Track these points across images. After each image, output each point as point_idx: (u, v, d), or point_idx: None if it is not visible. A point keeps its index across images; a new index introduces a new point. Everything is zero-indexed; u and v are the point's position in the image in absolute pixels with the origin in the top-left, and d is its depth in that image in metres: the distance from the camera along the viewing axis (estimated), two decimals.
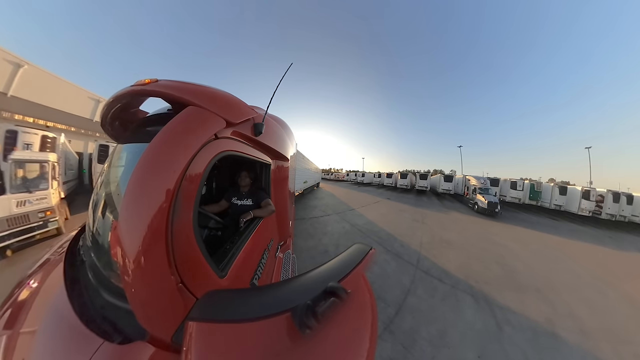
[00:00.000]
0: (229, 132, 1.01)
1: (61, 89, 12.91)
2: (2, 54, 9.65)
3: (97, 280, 0.87)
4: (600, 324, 3.63)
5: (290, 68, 1.36)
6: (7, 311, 0.93)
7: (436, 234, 7.92)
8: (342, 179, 45.16)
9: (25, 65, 10.43)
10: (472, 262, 5.66)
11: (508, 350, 2.86)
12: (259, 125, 1.25)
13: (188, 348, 0.53)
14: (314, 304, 0.57)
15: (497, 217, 12.65)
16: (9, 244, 4.04)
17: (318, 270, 0.76)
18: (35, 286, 1.05)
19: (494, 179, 19.72)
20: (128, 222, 0.62)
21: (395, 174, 28.53)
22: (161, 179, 0.65)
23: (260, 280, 1.28)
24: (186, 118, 0.79)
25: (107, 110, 1.08)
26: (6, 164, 4.64)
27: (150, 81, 0.87)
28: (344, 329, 0.59)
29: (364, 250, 0.85)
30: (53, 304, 0.87)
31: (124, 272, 0.62)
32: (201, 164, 0.79)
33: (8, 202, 4.15)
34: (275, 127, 1.80)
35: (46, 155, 5.27)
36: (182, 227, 0.71)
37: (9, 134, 6.35)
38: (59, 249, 1.35)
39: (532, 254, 6.85)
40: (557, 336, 3.21)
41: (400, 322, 3.11)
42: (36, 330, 0.79)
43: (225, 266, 0.97)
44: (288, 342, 0.55)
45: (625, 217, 14.00)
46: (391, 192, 21.74)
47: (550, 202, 17.07)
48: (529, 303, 3.98)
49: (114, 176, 1.02)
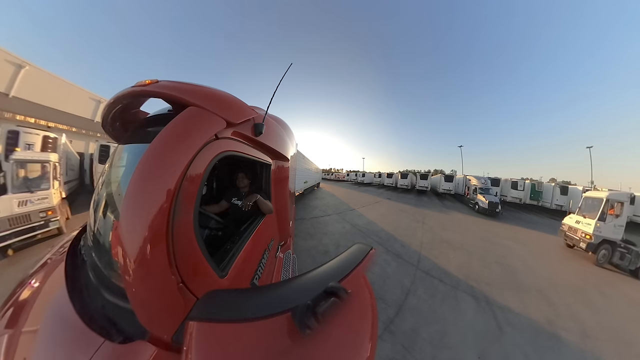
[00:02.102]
0: (229, 133, 1.01)
1: (62, 89, 12.96)
2: (3, 55, 9.70)
3: (98, 279, 0.87)
4: (600, 324, 3.62)
5: (290, 68, 1.36)
6: (8, 310, 0.93)
7: (437, 234, 7.91)
8: (343, 179, 45.13)
9: (27, 66, 10.48)
10: (473, 262, 5.65)
11: (508, 350, 2.85)
12: (259, 126, 1.25)
13: (188, 348, 0.53)
14: (314, 304, 0.57)
15: (498, 217, 12.63)
16: (11, 243, 4.06)
17: (318, 270, 0.77)
18: (36, 286, 1.05)
19: (495, 178, 19.68)
20: (129, 222, 0.62)
21: (395, 174, 28.54)
22: (162, 179, 0.66)
23: (261, 280, 1.29)
24: (187, 118, 0.79)
25: (108, 110, 1.08)
26: (8, 164, 4.65)
27: (151, 82, 0.87)
28: (344, 329, 0.59)
29: (364, 251, 0.85)
30: (54, 303, 0.88)
31: (124, 272, 0.63)
32: (202, 164, 0.79)
33: (10, 201, 4.17)
34: (275, 127, 1.80)
35: (47, 155, 5.30)
36: (183, 227, 0.71)
37: (10, 134, 6.39)
38: (60, 249, 1.36)
39: (532, 254, 6.84)
40: (559, 338, 3.20)
41: (401, 323, 3.11)
42: (37, 330, 0.79)
43: (225, 266, 0.97)
44: (288, 342, 0.55)
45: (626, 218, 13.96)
46: (392, 192, 21.73)
47: (551, 202, 17.03)
48: (529, 304, 3.98)
49: (115, 176, 1.02)
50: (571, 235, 7.43)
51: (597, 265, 6.46)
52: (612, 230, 6.64)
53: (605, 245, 6.53)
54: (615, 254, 6.38)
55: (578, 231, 7.19)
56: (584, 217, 7.23)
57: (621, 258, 6.25)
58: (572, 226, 7.48)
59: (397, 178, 27.37)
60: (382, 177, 29.54)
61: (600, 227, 6.68)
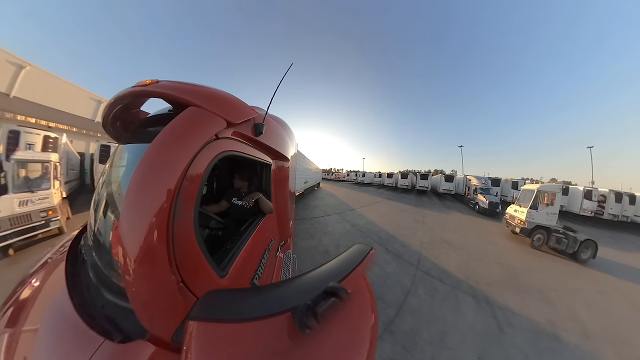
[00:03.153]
0: (229, 133, 1.01)
1: (63, 89, 12.98)
2: (4, 55, 9.72)
3: (98, 279, 0.88)
4: (600, 324, 3.63)
5: (290, 68, 1.36)
6: (9, 309, 0.94)
7: (437, 234, 7.91)
8: (343, 179, 45.12)
9: (28, 66, 10.49)
10: (473, 262, 5.65)
11: (509, 350, 2.85)
12: (259, 126, 1.25)
13: (188, 347, 0.53)
14: (314, 304, 0.57)
15: (498, 217, 12.61)
16: (12, 242, 4.07)
17: (318, 270, 0.77)
18: (37, 285, 1.06)
19: (495, 179, 19.65)
20: (129, 222, 0.62)
21: (395, 174, 28.51)
22: (162, 179, 0.66)
23: (261, 280, 1.29)
24: (187, 118, 0.79)
25: (108, 110, 1.08)
26: (9, 164, 4.66)
27: (152, 82, 0.87)
28: (344, 329, 0.59)
29: (364, 251, 0.85)
30: (54, 302, 0.88)
31: (124, 272, 0.63)
32: (202, 164, 0.79)
33: (10, 201, 4.18)
34: (275, 127, 1.80)
35: (48, 155, 5.31)
36: (183, 227, 0.71)
37: (11, 134, 6.40)
38: (61, 248, 1.36)
39: (533, 254, 6.83)
40: (561, 340, 3.20)
41: (401, 323, 3.11)
42: (38, 329, 0.79)
43: (225, 266, 0.97)
44: (288, 342, 0.55)
45: (627, 218, 13.92)
46: (392, 192, 21.72)
47: None
48: (529, 304, 3.97)
49: (116, 176, 1.03)
50: (510, 222, 8.54)
51: (534, 247, 7.38)
52: (544, 218, 7.58)
53: (540, 231, 7.46)
54: (552, 238, 7.17)
55: (515, 218, 8.27)
56: (520, 207, 8.26)
57: (558, 242, 7.00)
58: (512, 214, 8.54)
59: (398, 178, 27.34)
60: (383, 177, 29.50)
61: (532, 214, 7.70)
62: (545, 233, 7.36)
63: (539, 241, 7.45)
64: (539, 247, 7.37)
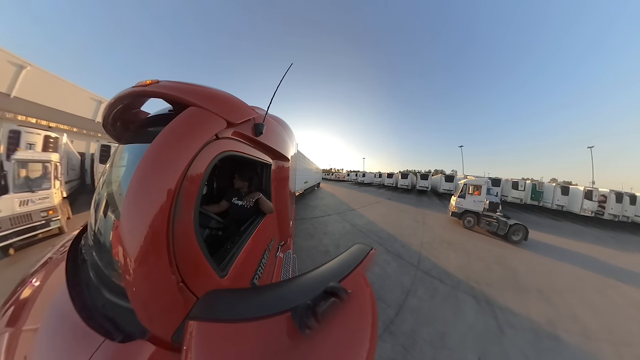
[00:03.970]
0: (229, 133, 1.01)
1: (63, 90, 13.00)
2: (5, 55, 9.74)
3: (99, 279, 0.88)
4: (599, 323, 3.62)
5: (290, 68, 1.36)
6: (9, 309, 0.94)
7: (437, 234, 7.91)
8: (343, 179, 45.10)
9: (28, 66, 10.52)
10: (473, 262, 5.65)
11: (509, 350, 2.85)
12: (259, 126, 1.25)
13: (188, 347, 0.53)
14: (314, 304, 0.57)
15: None
16: (12, 242, 4.08)
17: (318, 270, 0.76)
18: (37, 285, 1.06)
19: (495, 179, 19.61)
20: (129, 222, 0.62)
21: (396, 174, 28.47)
22: (162, 179, 0.66)
23: (261, 280, 1.29)
24: (187, 118, 0.79)
25: (109, 110, 1.08)
26: (9, 164, 4.67)
27: (152, 82, 0.87)
28: (344, 329, 0.59)
29: (364, 251, 0.85)
30: (55, 302, 0.88)
31: (125, 271, 0.63)
32: (202, 164, 0.79)
33: (11, 201, 4.19)
34: (275, 128, 1.80)
35: (49, 155, 5.32)
36: (183, 227, 0.71)
37: (12, 134, 6.40)
38: (61, 248, 1.36)
39: (533, 254, 6.82)
40: (560, 340, 3.20)
41: (401, 323, 3.11)
42: (38, 328, 0.79)
43: (225, 266, 0.97)
44: (288, 342, 0.55)
45: (628, 218, 13.89)
46: (392, 192, 21.71)
47: (552, 202, 16.95)
48: (529, 304, 3.97)
49: (116, 176, 1.02)
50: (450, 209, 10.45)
51: (465, 228, 9.13)
52: (472, 204, 9.38)
53: (470, 214, 9.25)
54: (482, 221, 8.76)
55: (451, 205, 10.37)
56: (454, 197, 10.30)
57: (488, 224, 8.46)
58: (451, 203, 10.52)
59: (398, 178, 27.31)
60: (383, 177, 29.45)
61: (460, 202, 9.69)
62: (475, 217, 9.09)
63: (469, 223, 9.16)
64: (470, 228, 9.06)
